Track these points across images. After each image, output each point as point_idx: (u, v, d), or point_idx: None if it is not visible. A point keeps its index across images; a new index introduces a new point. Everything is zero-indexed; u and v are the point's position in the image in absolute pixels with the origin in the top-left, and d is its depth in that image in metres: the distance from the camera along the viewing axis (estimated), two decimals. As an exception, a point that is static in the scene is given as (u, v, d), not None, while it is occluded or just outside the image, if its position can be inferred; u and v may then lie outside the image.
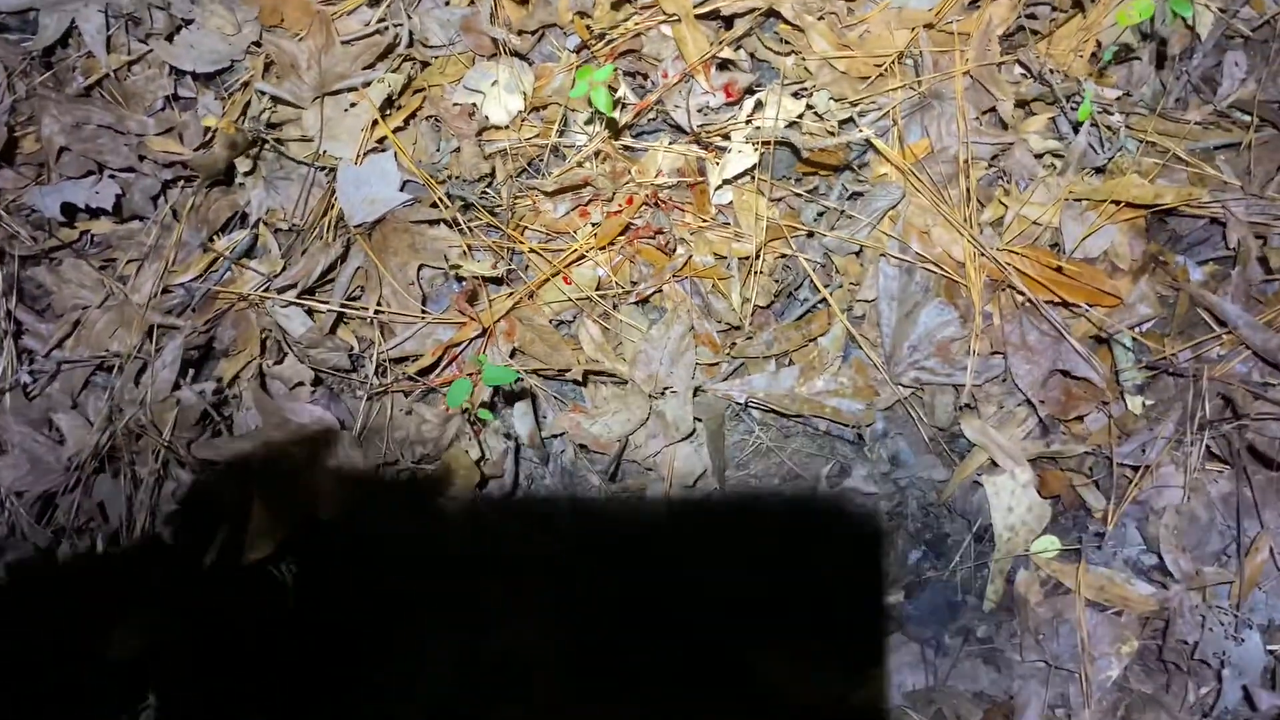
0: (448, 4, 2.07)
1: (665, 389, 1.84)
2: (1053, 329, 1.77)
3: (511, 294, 1.91)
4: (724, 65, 1.98)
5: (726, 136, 1.96)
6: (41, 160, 1.96)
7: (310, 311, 1.88)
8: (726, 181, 1.94)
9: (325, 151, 1.96)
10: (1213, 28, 1.88)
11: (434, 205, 1.95)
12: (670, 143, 2.00)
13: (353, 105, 1.99)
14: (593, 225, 1.96)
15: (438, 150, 2.03)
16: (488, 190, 1.99)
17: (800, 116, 1.95)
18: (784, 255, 1.92)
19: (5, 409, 1.83)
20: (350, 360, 1.88)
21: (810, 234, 1.91)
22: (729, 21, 2.01)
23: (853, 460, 1.82)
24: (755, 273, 1.89)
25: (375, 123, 1.97)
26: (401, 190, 1.96)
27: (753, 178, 1.95)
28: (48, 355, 1.87)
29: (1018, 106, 1.92)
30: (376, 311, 1.88)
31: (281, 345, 1.86)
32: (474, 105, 2.01)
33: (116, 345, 1.84)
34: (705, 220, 1.95)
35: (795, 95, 1.97)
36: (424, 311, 1.90)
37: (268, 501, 1.67)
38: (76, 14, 1.99)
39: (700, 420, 1.83)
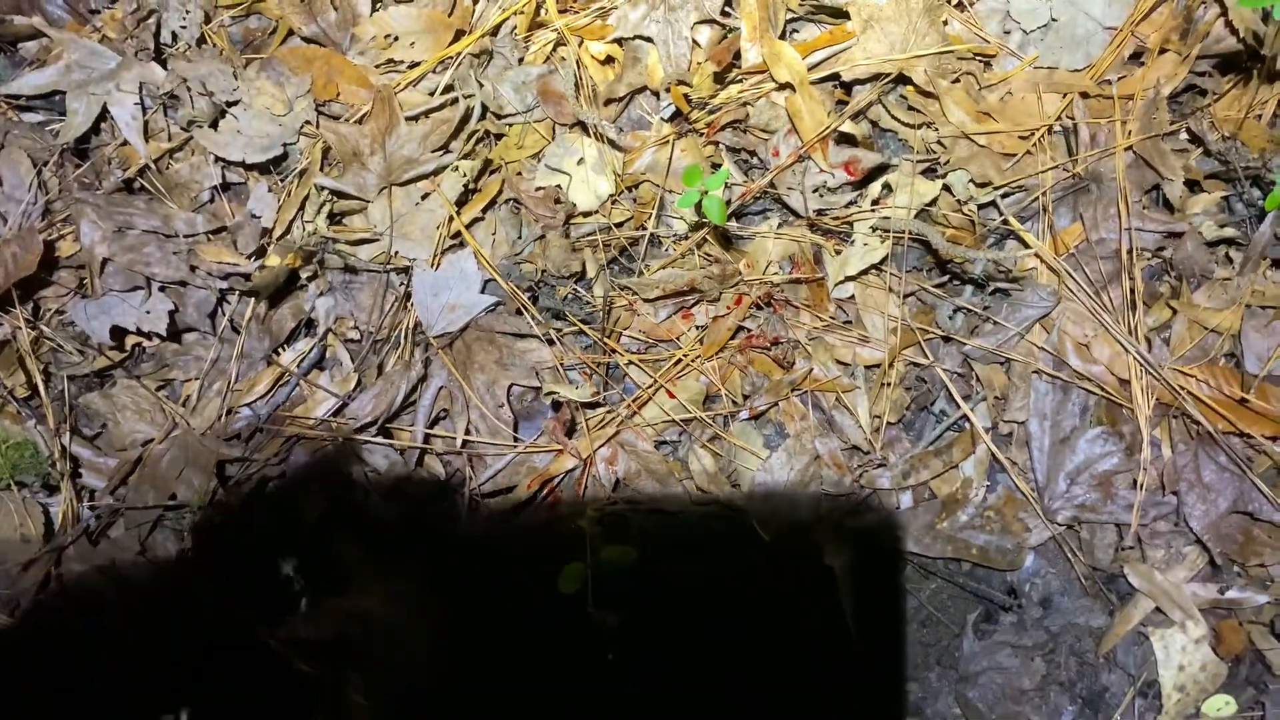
0: (521, 63, 1.82)
1: (787, 526, 1.66)
2: (1231, 462, 1.56)
3: (611, 412, 1.72)
4: (844, 139, 1.72)
5: (848, 223, 1.73)
6: (82, 263, 1.76)
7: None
8: (849, 278, 1.71)
9: (397, 253, 1.75)
10: None
11: (518, 312, 1.74)
12: (780, 225, 1.77)
13: (424, 198, 1.76)
14: (698, 329, 1.75)
15: (519, 238, 1.81)
16: (577, 288, 1.77)
17: (934, 202, 1.70)
18: (916, 364, 1.71)
19: (69, 555, 1.69)
20: (439, 491, 1.70)
21: (947, 338, 1.69)
22: (848, 88, 1.75)
23: (999, 603, 1.64)
24: (885, 384, 1.69)
25: (450, 217, 1.75)
26: (483, 292, 1.75)
27: (879, 271, 1.72)
28: (113, 493, 1.71)
29: (1186, 185, 1.66)
30: (465, 442, 1.70)
31: (363, 483, 1.68)
32: (558, 188, 1.78)
33: (184, 490, 1.67)
34: (823, 319, 1.73)
35: (927, 173, 1.72)
36: (516, 438, 1.71)
37: (365, 678, 1.52)
38: (108, 97, 1.77)
39: (836, 571, 1.65)
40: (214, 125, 1.76)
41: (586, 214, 1.78)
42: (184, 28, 1.84)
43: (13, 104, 1.82)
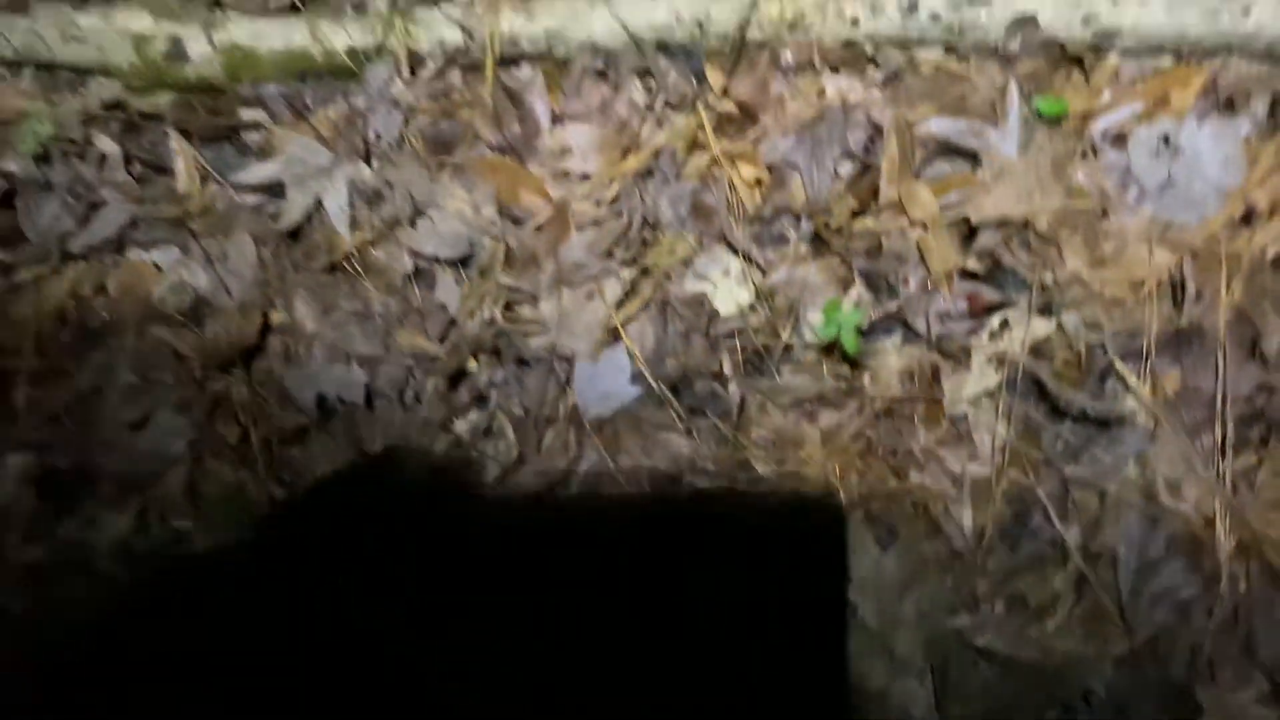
0: (678, 179, 2.05)
1: (892, 620, 1.87)
2: (1304, 603, 1.73)
3: (740, 501, 1.95)
4: (968, 274, 1.92)
5: (966, 350, 1.92)
6: (288, 332, 2.04)
7: (547, 511, 1.96)
8: (965, 400, 1.91)
9: (560, 345, 1.99)
10: None
11: (661, 404, 1.98)
12: (903, 343, 1.98)
13: (589, 299, 2.00)
14: (821, 432, 1.96)
15: (665, 334, 2.04)
16: (715, 386, 2.00)
17: (1047, 339, 1.89)
18: (1018, 483, 1.90)
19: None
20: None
21: (1048, 462, 1.88)
22: (973, 229, 1.94)
23: (1077, 705, 1.84)
24: (991, 500, 1.88)
25: (609, 316, 1.99)
26: (632, 383, 1.99)
27: (991, 396, 1.91)
28: (304, 536, 1.99)
29: (1282, 339, 1.83)
30: (614, 522, 1.95)
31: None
32: (704, 294, 2.00)
33: (370, 541, 1.95)
34: (937, 435, 1.93)
35: (1043, 311, 1.91)
36: (656, 521, 1.95)
37: None
38: (323, 191, 2.04)
39: (931, 664, 1.86)
40: (413, 224, 2.02)
41: (727, 319, 2.01)
42: (386, 129, 2.10)
43: (238, 189, 2.10)
